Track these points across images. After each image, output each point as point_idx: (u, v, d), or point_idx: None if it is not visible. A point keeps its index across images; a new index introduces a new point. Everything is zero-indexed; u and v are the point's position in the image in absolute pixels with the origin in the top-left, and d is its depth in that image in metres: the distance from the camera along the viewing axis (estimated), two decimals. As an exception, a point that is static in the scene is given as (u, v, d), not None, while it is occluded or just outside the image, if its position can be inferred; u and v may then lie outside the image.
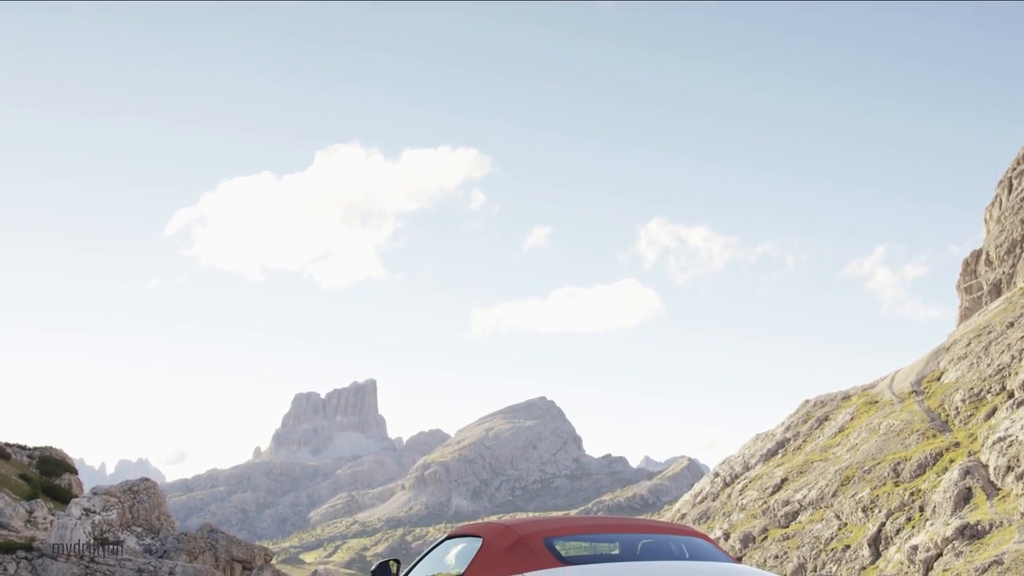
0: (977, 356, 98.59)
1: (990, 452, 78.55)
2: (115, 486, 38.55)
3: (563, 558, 6.80)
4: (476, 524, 7.74)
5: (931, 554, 70.35)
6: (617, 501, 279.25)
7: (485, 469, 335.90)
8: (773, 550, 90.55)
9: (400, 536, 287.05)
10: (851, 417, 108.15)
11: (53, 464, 48.07)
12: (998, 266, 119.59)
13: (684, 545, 7.39)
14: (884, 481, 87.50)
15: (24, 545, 30.11)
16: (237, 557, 35.12)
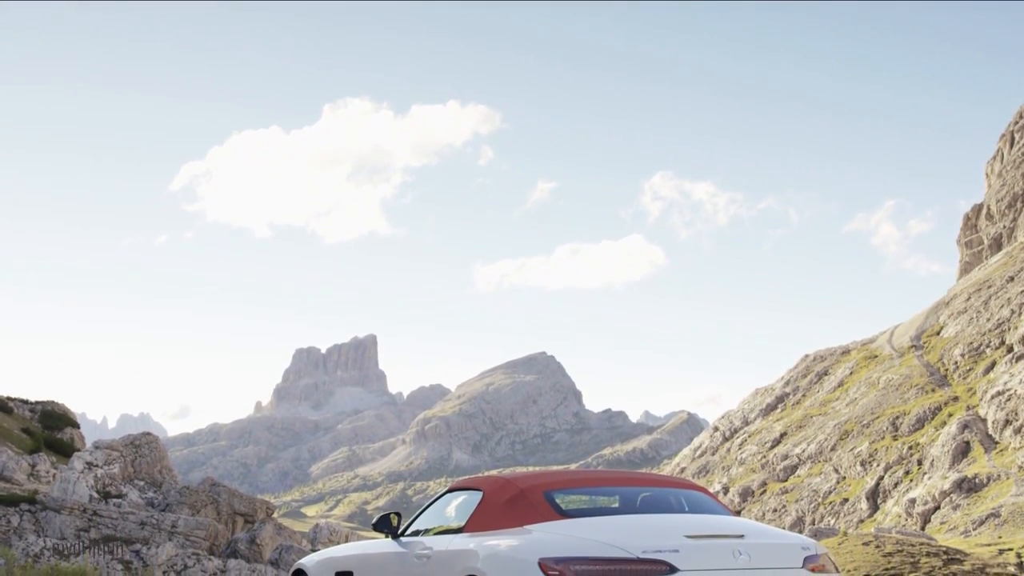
0: (977, 311, 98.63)
1: (989, 406, 78.79)
2: (117, 440, 38.69)
3: (563, 511, 6.82)
4: (476, 478, 7.75)
5: (929, 507, 70.77)
6: (617, 455, 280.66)
7: (485, 424, 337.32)
8: (772, 504, 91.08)
9: (401, 490, 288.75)
10: (850, 372, 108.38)
11: (55, 418, 48.24)
12: (999, 220, 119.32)
13: (683, 498, 7.40)
14: (883, 435, 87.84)
15: (27, 498, 30.27)
16: (239, 511, 35.30)
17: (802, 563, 6.35)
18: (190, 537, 30.42)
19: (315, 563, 8.63)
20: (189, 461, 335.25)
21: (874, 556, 25.21)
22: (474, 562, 6.46)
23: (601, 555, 5.98)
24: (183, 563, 27.54)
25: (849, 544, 27.32)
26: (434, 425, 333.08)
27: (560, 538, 6.28)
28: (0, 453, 37.42)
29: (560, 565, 5.96)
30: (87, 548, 27.37)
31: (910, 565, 24.35)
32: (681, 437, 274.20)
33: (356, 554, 8.22)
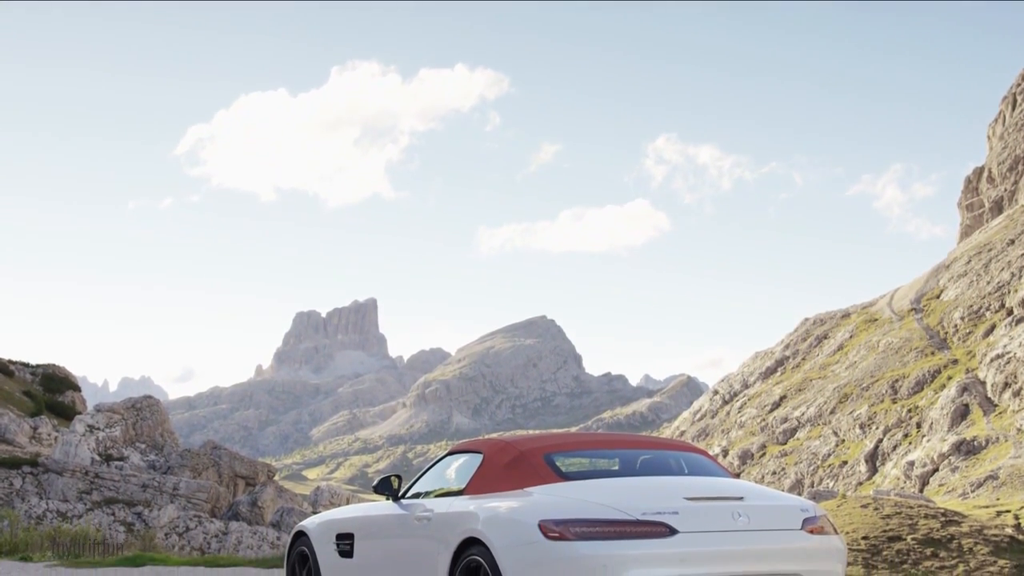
0: (977, 274, 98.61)
1: (988, 369, 78.95)
2: (118, 403, 38.78)
3: (563, 473, 6.84)
4: (477, 441, 7.76)
5: (927, 469, 71.08)
6: (617, 419, 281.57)
7: (486, 387, 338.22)
8: (771, 466, 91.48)
9: (402, 453, 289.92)
10: (850, 335, 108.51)
11: (56, 381, 48.32)
12: (1000, 183, 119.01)
13: (683, 461, 7.42)
14: (882, 398, 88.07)
15: (29, 461, 30.38)
16: (240, 473, 35.45)
17: (801, 525, 6.37)
18: (192, 499, 30.56)
19: (316, 525, 8.66)
20: (190, 424, 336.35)
21: (872, 518, 25.33)
22: (474, 524, 6.48)
23: (601, 517, 6.00)
24: (185, 525, 27.68)
25: (847, 506, 27.44)
26: (434, 389, 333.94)
27: (560, 500, 6.30)
28: (2, 416, 37.50)
29: (560, 527, 5.98)
30: (89, 510, 27.50)
31: (908, 527, 24.46)
32: (681, 401, 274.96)
33: (357, 516, 8.25)
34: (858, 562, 20.90)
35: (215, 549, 26.97)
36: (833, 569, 6.41)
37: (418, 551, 7.16)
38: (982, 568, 22.42)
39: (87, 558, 16.87)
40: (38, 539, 19.11)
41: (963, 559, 22.84)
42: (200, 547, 26.98)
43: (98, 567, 15.49)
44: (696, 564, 5.94)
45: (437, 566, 6.82)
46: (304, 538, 8.73)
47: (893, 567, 20.97)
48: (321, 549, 8.39)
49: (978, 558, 23.02)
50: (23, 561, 16.92)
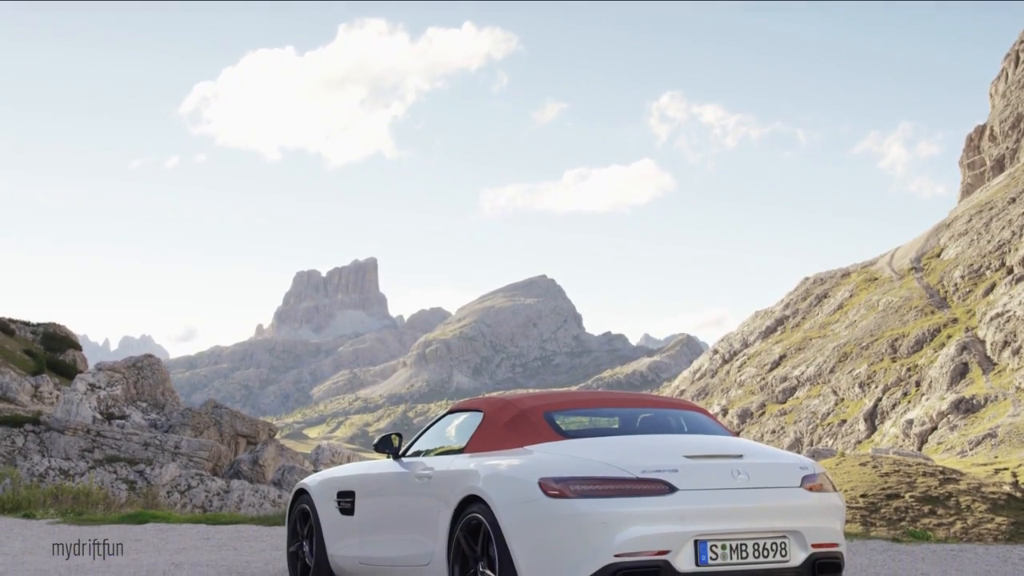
0: (978, 232, 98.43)
1: (988, 328, 79.04)
2: (119, 362, 38.84)
3: (563, 432, 6.84)
4: (477, 399, 7.77)
5: (926, 428, 71.32)
6: (616, 378, 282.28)
7: (486, 346, 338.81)
8: (770, 425, 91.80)
9: (402, 412, 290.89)
10: (850, 294, 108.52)
11: (57, 340, 48.36)
12: (1002, 141, 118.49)
13: (683, 419, 7.43)
14: (881, 357, 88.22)
15: (31, 419, 30.47)
16: (241, 432, 35.56)
17: (800, 482, 6.38)
18: (193, 458, 30.68)
19: (317, 483, 8.69)
20: (191, 383, 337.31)
21: (871, 476, 25.45)
22: (475, 482, 6.50)
23: (601, 475, 6.02)
24: (187, 483, 27.80)
25: (846, 465, 27.57)
26: (435, 348, 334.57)
27: (560, 458, 6.31)
28: (3, 374, 37.59)
29: (560, 484, 6.00)
30: (91, 468, 27.61)
31: (907, 485, 24.58)
32: (681, 360, 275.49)
33: (358, 474, 8.28)
34: (856, 520, 21.01)
35: (217, 507, 27.11)
36: (832, 526, 6.44)
37: (419, 509, 7.19)
38: (979, 525, 22.55)
39: (90, 515, 16.95)
40: (41, 496, 19.19)
41: (961, 516, 22.98)
42: (202, 505, 27.12)
43: (101, 524, 15.56)
44: (696, 521, 5.96)
45: (438, 523, 6.85)
46: (305, 496, 8.77)
47: (891, 524, 21.09)
48: (322, 507, 8.43)
49: (976, 515, 23.15)
50: (26, 518, 17.00)
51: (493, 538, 6.20)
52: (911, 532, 14.54)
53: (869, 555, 11.14)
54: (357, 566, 7.92)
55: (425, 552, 6.98)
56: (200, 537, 13.58)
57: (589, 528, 5.87)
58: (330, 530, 8.29)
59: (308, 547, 8.52)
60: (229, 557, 11.19)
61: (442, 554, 6.75)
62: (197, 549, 12.06)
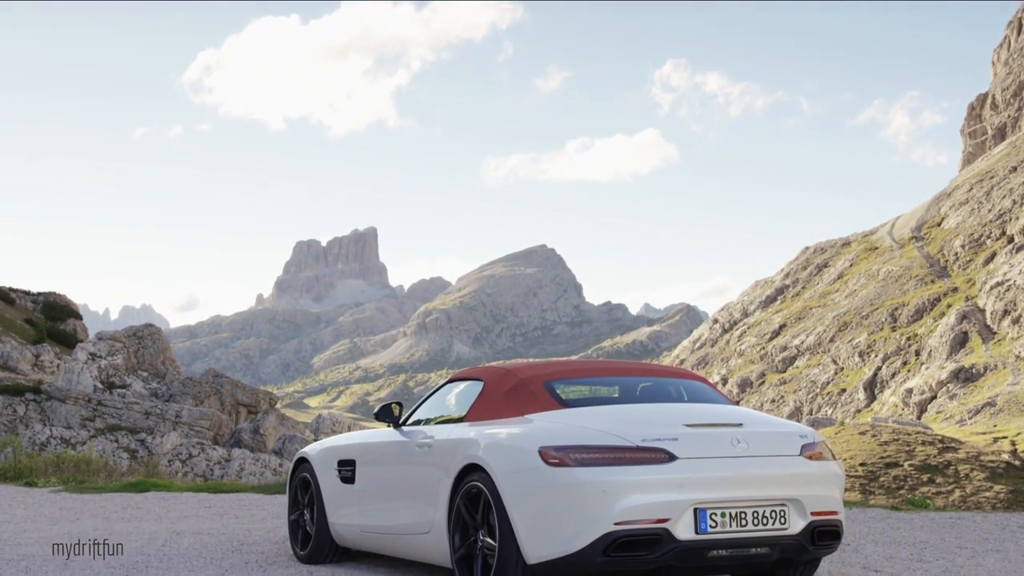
0: (979, 201, 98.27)
1: (988, 297, 79.07)
2: (120, 331, 38.88)
3: (563, 400, 6.84)
4: (477, 368, 7.78)
5: (925, 397, 71.48)
6: (617, 347, 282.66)
7: (486, 316, 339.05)
8: (770, 394, 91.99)
9: (402, 382, 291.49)
10: (850, 264, 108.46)
11: (57, 309, 48.36)
12: (1004, 109, 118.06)
13: (683, 388, 7.43)
14: (881, 326, 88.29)
15: (32, 388, 30.53)
16: (242, 401, 35.64)
17: (799, 451, 6.39)
18: (194, 427, 30.77)
19: (318, 452, 8.71)
20: (191, 353, 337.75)
21: (870, 445, 25.52)
22: (475, 451, 6.51)
23: (600, 443, 6.03)
24: (188, 452, 27.88)
25: (846, 434, 27.63)
26: (435, 318, 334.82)
27: (560, 427, 6.32)
28: (4, 343, 37.63)
29: (560, 453, 6.01)
30: (93, 437, 27.69)
31: (905, 454, 24.66)
32: (681, 330, 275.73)
33: (358, 443, 8.30)
34: (856, 488, 21.09)
35: (218, 476, 27.20)
36: (831, 495, 6.45)
37: (419, 477, 7.21)
38: (978, 493, 22.64)
39: (91, 483, 17.01)
40: (42, 465, 19.25)
41: (959, 485, 23.06)
42: (203, 474, 27.21)
43: (102, 492, 15.62)
44: (695, 490, 5.97)
45: (438, 492, 6.87)
46: (306, 464, 8.79)
47: (890, 493, 21.17)
48: (323, 475, 8.45)
49: (974, 483, 23.24)
50: (28, 486, 17.06)
51: (493, 506, 6.21)
52: (910, 500, 14.60)
53: (868, 523, 11.19)
54: (358, 534, 7.95)
55: (425, 520, 7.00)
56: (201, 505, 13.63)
57: (589, 496, 5.88)
58: (331, 498, 8.31)
59: (309, 515, 8.55)
60: (231, 525, 11.23)
61: (442, 522, 6.77)
62: (198, 517, 12.11)
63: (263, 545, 9.43)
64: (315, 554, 8.34)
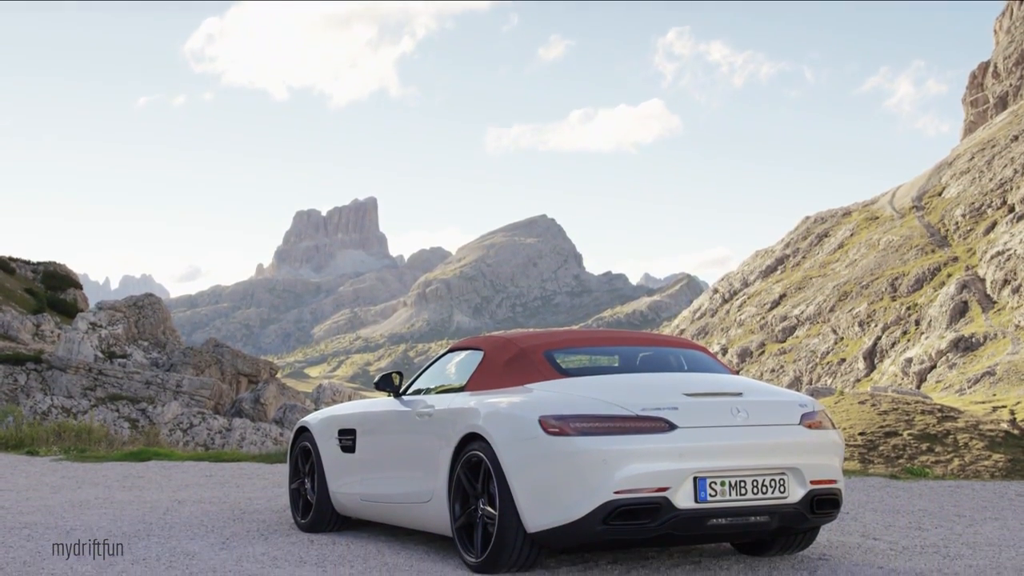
0: (980, 170, 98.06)
1: (988, 266, 79.05)
2: (120, 301, 38.90)
3: (563, 370, 6.85)
4: (477, 338, 7.77)
5: (925, 366, 71.59)
6: (617, 317, 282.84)
7: (486, 286, 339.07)
8: (770, 364, 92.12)
9: (403, 352, 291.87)
10: (851, 233, 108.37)
11: (58, 279, 48.34)
12: (1005, 78, 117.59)
13: (683, 358, 7.43)
14: (881, 296, 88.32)
15: (33, 357, 30.57)
16: (243, 371, 35.70)
17: (799, 420, 6.40)
18: (195, 396, 30.83)
19: (319, 421, 8.72)
20: (192, 323, 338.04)
21: (870, 414, 25.58)
22: (475, 420, 6.52)
23: (600, 412, 6.03)
24: (189, 421, 27.94)
25: (845, 403, 27.69)
26: (435, 288, 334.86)
27: (560, 396, 6.32)
28: (4, 313, 37.64)
29: (560, 422, 6.02)
30: (94, 406, 27.74)
31: (905, 423, 24.71)
32: (681, 300, 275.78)
33: (359, 412, 8.30)
34: (855, 457, 21.15)
35: (219, 445, 27.28)
36: (830, 463, 6.46)
37: (419, 446, 7.22)
38: (977, 462, 22.71)
39: (93, 452, 17.06)
40: (43, 434, 19.30)
41: (958, 454, 23.13)
42: (204, 443, 27.29)
43: (104, 461, 15.67)
44: (695, 459, 5.99)
45: (438, 461, 6.88)
46: (307, 434, 8.81)
47: (889, 462, 21.24)
48: (323, 444, 8.47)
49: (973, 452, 23.30)
50: (30, 455, 17.11)
51: (493, 475, 6.23)
52: (909, 469, 14.64)
53: (867, 492, 11.23)
54: (358, 503, 7.97)
55: (426, 489, 7.02)
56: (202, 474, 13.68)
57: (589, 465, 5.90)
58: (331, 467, 8.33)
59: (310, 484, 8.58)
60: (232, 494, 11.28)
61: (443, 491, 6.79)
62: (200, 486, 12.16)
63: (264, 514, 9.47)
64: (316, 523, 8.38)
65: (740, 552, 7.13)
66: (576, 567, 6.54)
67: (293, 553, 7.17)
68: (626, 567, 6.54)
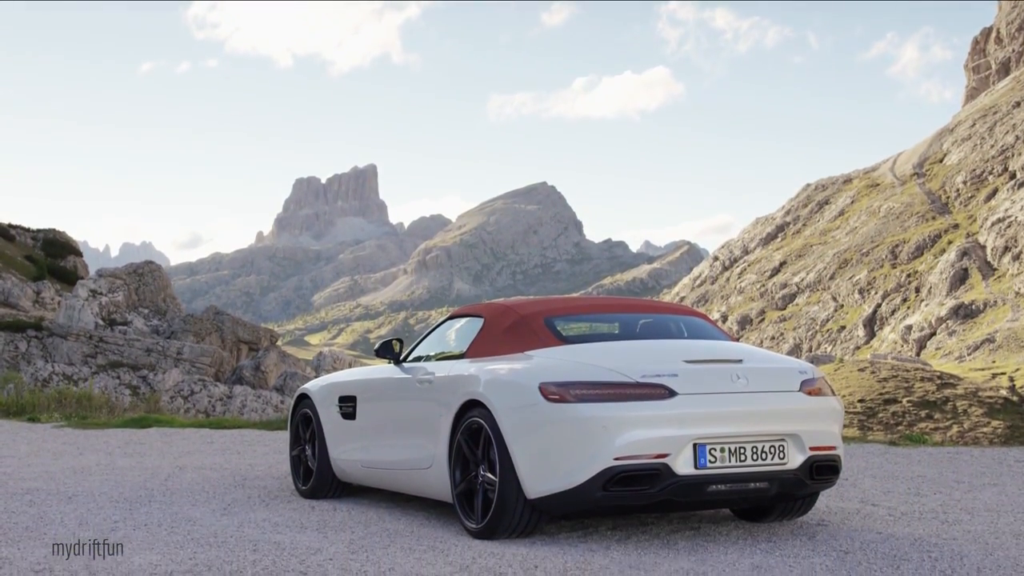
0: (981, 137, 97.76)
1: (988, 233, 78.97)
2: (120, 268, 38.89)
3: (563, 337, 6.84)
4: (477, 305, 7.76)
5: (924, 333, 71.66)
6: (617, 285, 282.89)
7: (486, 254, 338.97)
8: (770, 331, 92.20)
9: (403, 319, 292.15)
10: (851, 201, 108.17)
11: (57, 246, 48.32)
12: (1008, 44, 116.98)
13: (683, 324, 7.42)
14: (882, 263, 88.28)
15: (34, 324, 30.59)
16: (243, 338, 35.74)
17: (799, 386, 6.40)
18: (196, 364, 30.88)
19: (319, 388, 8.73)
20: (192, 290, 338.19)
21: (869, 381, 25.62)
22: (475, 387, 6.52)
23: (601, 379, 6.03)
24: (190, 388, 28.00)
25: (845, 370, 27.73)
26: (435, 255, 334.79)
27: (560, 363, 6.32)
28: (4, 280, 37.63)
29: (560, 389, 6.02)
30: (95, 373, 27.79)
31: (904, 390, 24.75)
32: (681, 267, 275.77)
33: (359, 379, 8.31)
34: (854, 424, 21.21)
35: (220, 412, 27.35)
36: (830, 430, 6.47)
37: (420, 413, 7.23)
38: (975, 429, 22.76)
39: (94, 419, 17.10)
40: (45, 401, 19.35)
41: (957, 420, 23.19)
42: (205, 410, 27.36)
43: (105, 428, 15.72)
44: (695, 425, 5.99)
45: (439, 428, 6.89)
46: (307, 401, 8.82)
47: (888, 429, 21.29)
48: (324, 411, 8.48)
49: (972, 419, 23.36)
50: (31, 422, 17.16)
51: (494, 442, 6.24)
52: (908, 436, 14.68)
53: (866, 458, 11.26)
54: (359, 469, 7.99)
55: (426, 456, 7.04)
56: (204, 441, 13.72)
57: (589, 432, 5.90)
58: (332, 434, 8.35)
59: (311, 451, 8.60)
60: (233, 460, 11.32)
61: (443, 458, 6.80)
62: (201, 453, 12.20)
63: (265, 480, 9.50)
64: (317, 489, 8.40)
65: (739, 518, 7.15)
66: (576, 533, 6.57)
67: (294, 519, 7.20)
68: (626, 533, 6.57)
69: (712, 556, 5.83)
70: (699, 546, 6.14)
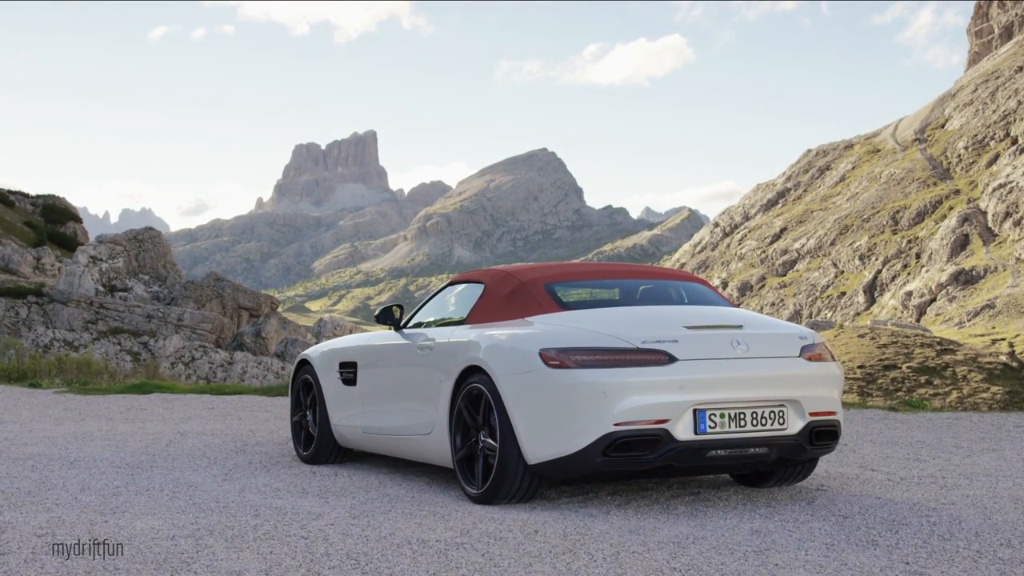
0: (983, 102, 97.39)
1: (990, 199, 78.82)
2: (120, 235, 38.86)
3: (563, 303, 6.84)
4: (478, 271, 7.76)
5: (925, 299, 71.68)
6: (617, 251, 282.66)
7: (486, 220, 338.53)
8: (770, 298, 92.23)
9: (403, 286, 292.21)
10: (852, 166, 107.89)
11: (57, 212, 48.26)
12: (1012, 7, 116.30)
13: (683, 290, 7.42)
14: (882, 229, 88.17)
15: (34, 291, 30.60)
16: (244, 305, 35.75)
17: (799, 352, 6.40)
18: (196, 330, 30.91)
19: (320, 354, 8.74)
20: (192, 257, 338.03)
21: (869, 348, 25.66)
22: (475, 353, 6.53)
23: (601, 345, 6.03)
24: (190, 355, 28.04)
25: (844, 336, 27.77)
26: (435, 222, 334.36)
27: (560, 329, 6.32)
28: (4, 246, 37.62)
29: (560, 355, 6.02)
30: (95, 340, 27.82)
31: (904, 356, 24.80)
32: (682, 233, 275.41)
33: (360, 345, 8.32)
34: (854, 390, 21.23)
35: (220, 378, 27.40)
36: (830, 395, 6.48)
37: (420, 379, 7.24)
38: (975, 395, 22.83)
39: (95, 385, 17.14)
40: (45, 367, 19.39)
41: (957, 386, 23.25)
42: (205, 376, 27.41)
43: (106, 394, 15.75)
44: (695, 391, 6.00)
45: (439, 394, 6.90)
46: (308, 367, 8.83)
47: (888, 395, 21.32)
48: (325, 377, 8.49)
49: (971, 385, 23.42)
50: (32, 388, 17.20)
51: (494, 407, 6.25)
52: (907, 402, 14.72)
53: (866, 423, 11.29)
54: (360, 435, 8.02)
55: (427, 421, 7.05)
56: (204, 407, 13.75)
57: (589, 398, 5.91)
58: (333, 400, 8.37)
59: (311, 417, 8.62)
60: (234, 426, 11.35)
61: (444, 423, 6.82)
62: (202, 418, 12.23)
63: (266, 446, 9.53)
64: (317, 454, 8.43)
65: (739, 483, 7.18)
66: (576, 498, 6.59)
67: (295, 484, 7.23)
68: (625, 498, 6.60)
69: (711, 521, 5.86)
70: (699, 511, 6.16)
